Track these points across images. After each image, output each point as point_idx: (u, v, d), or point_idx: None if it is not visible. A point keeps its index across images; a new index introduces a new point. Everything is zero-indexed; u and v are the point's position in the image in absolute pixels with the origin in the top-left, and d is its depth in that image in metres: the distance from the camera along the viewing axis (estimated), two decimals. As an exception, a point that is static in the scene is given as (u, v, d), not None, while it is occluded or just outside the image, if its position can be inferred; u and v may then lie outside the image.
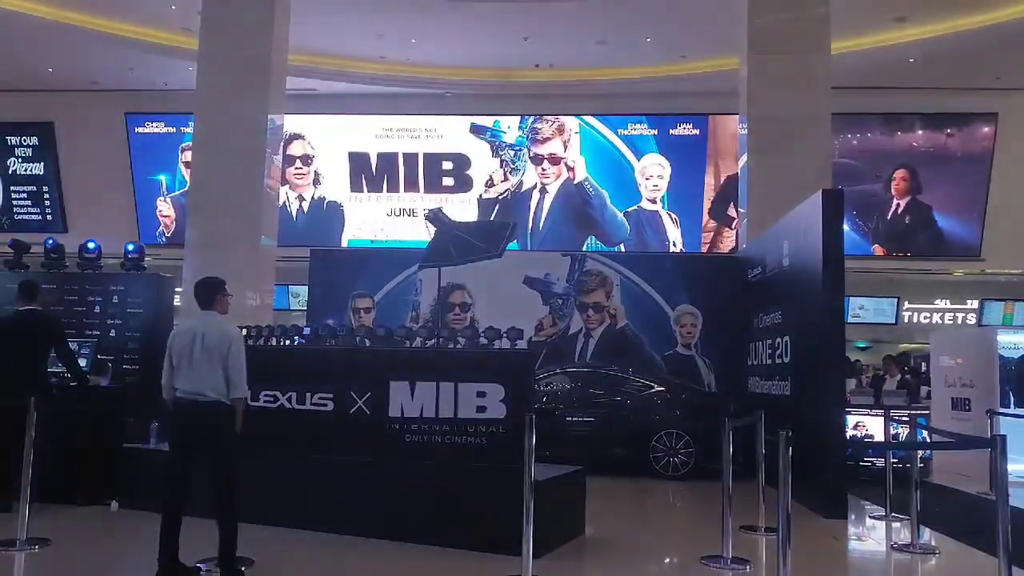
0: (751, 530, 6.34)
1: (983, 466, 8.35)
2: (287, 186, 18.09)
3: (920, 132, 17.39)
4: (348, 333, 6.48)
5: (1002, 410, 9.66)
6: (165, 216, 18.86)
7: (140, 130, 18.77)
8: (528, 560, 4.68)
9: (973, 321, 17.82)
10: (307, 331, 6.50)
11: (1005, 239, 17.03)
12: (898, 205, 17.50)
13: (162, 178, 18.82)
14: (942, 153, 17.33)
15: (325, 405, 6.03)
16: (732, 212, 16.74)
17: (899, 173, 17.44)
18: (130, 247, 9.88)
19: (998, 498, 4.36)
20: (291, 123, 17.05)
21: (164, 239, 18.62)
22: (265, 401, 6.18)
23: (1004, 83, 16.74)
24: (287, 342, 6.49)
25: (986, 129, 17.13)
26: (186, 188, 15.87)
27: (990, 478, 7.47)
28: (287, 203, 18.15)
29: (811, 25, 11.27)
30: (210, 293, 5.09)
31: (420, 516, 5.68)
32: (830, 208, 7.26)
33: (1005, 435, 4.55)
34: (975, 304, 17.90)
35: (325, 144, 18.47)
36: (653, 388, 9.80)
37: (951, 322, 17.96)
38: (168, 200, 18.82)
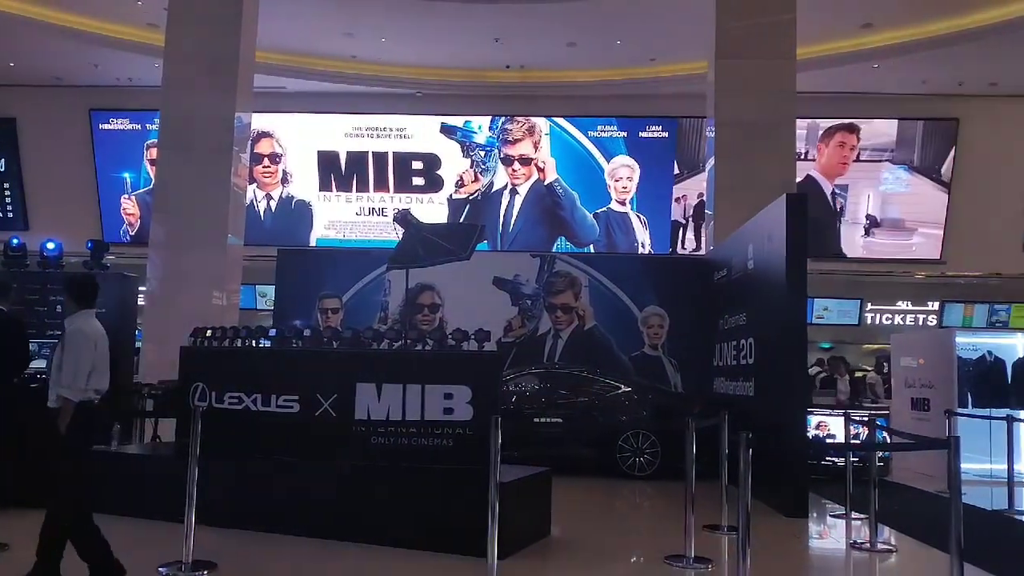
0: (714, 529, 6.42)
1: (943, 465, 8.54)
2: (255, 184, 17.94)
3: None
4: (314, 334, 6.44)
5: (960, 410, 9.89)
6: (129, 214, 18.60)
7: (104, 126, 18.50)
8: (493, 561, 4.70)
9: (934, 323, 18.18)
10: (273, 332, 6.45)
11: (965, 242, 17.42)
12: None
13: (126, 175, 18.56)
14: (905, 156, 17.68)
15: (291, 407, 5.99)
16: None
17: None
18: (89, 245, 9.76)
19: (951, 497, 4.47)
20: (259, 121, 16.92)
21: (128, 237, 18.38)
22: (230, 403, 6.13)
23: (966, 89, 17.11)
24: (252, 343, 6.44)
25: (948, 133, 17.48)
26: (151, 186, 15.67)
27: (948, 477, 7.65)
28: (255, 202, 18.00)
29: (777, 31, 11.43)
30: (95, 292, 4.97)
31: (386, 518, 5.68)
32: (794, 212, 7.37)
33: (959, 437, 4.66)
34: (936, 306, 18.27)
35: (294, 142, 18.34)
36: (620, 389, 9.87)
37: (912, 323, 18.31)
38: (133, 198, 18.57)
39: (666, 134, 17.80)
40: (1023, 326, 17.50)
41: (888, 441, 8.80)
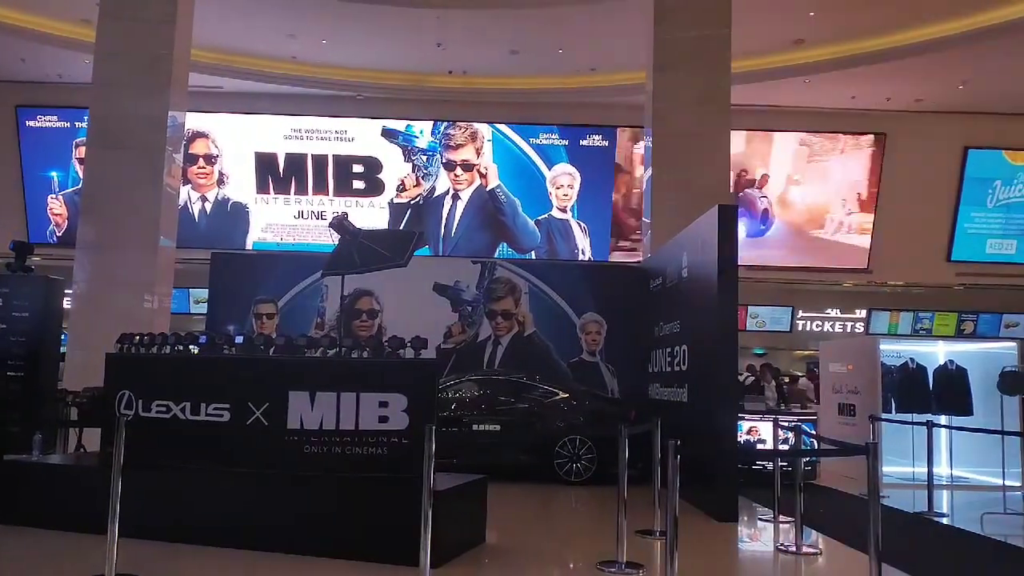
0: (647, 534, 6.51)
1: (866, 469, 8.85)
2: (189, 186, 17.56)
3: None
4: (247, 341, 6.32)
5: (883, 415, 10.26)
6: (57, 214, 18.02)
7: (31, 124, 17.90)
8: (426, 570, 4.70)
9: (862, 329, 18.83)
10: (203, 339, 6.30)
11: (891, 253, 18.09)
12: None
13: (54, 174, 17.99)
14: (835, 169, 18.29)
15: (221, 416, 5.86)
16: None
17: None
18: (12, 245, 9.42)
19: (870, 500, 4.64)
20: (194, 121, 16.58)
21: (55, 239, 17.81)
22: (157, 411, 5.98)
23: (893, 105, 17.78)
24: (181, 349, 6.29)
25: (875, 148, 18.13)
26: (79, 186, 15.20)
27: (867, 481, 7.93)
28: (189, 203, 17.62)
29: (713, 44, 11.67)
30: None
31: (319, 529, 5.61)
32: (725, 222, 7.55)
33: (877, 443, 4.86)
34: (863, 314, 18.91)
35: (230, 143, 18.01)
36: (558, 395, 9.94)
37: (841, 330, 18.93)
38: (60, 198, 18.00)
39: (606, 143, 18.04)
40: (945, 334, 18.27)
41: (816, 446, 9.06)
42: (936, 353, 11.58)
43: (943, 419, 10.40)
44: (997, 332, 18.50)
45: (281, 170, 18.07)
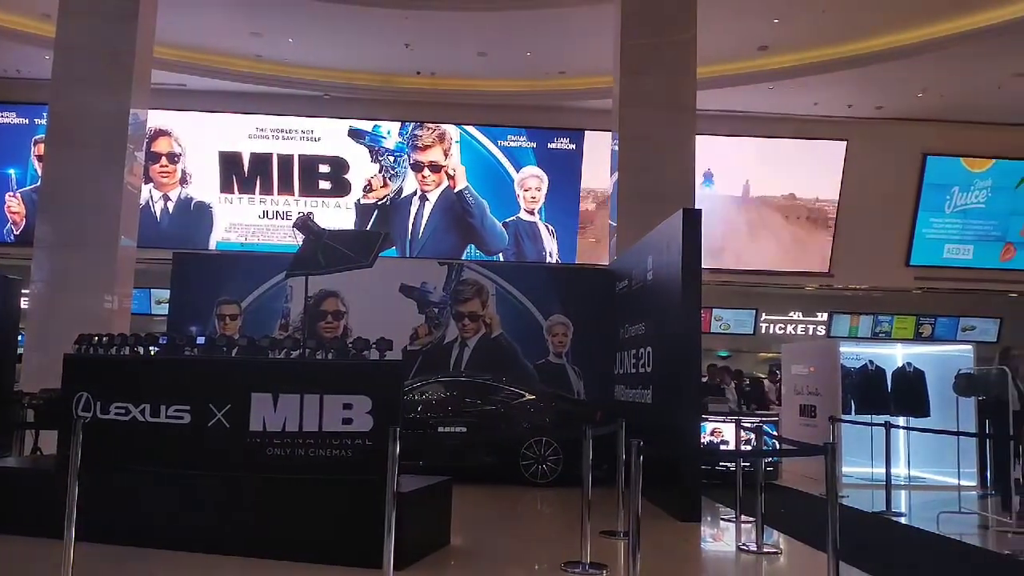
0: (611, 535, 6.55)
1: (826, 469, 8.98)
2: (151, 184, 17.29)
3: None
4: (209, 342, 6.24)
5: (843, 417, 10.43)
6: (14, 212, 17.64)
7: (-12, 119, 17.50)
8: (389, 572, 4.69)
9: (823, 332, 19.14)
10: (163, 340, 6.21)
11: (852, 257, 18.42)
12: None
13: (12, 172, 17.60)
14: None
15: (181, 418, 5.78)
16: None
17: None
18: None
19: (828, 500, 4.73)
20: (157, 118, 16.35)
21: (12, 237, 17.43)
22: (116, 414, 5.86)
23: (854, 111, 18.10)
24: (141, 351, 6.19)
25: (836, 153, 18.43)
26: (38, 183, 14.90)
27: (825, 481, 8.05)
28: (151, 202, 17.34)
29: (678, 50, 11.80)
30: None
31: (282, 531, 5.55)
32: (689, 225, 7.63)
33: (834, 443, 4.94)
34: (825, 317, 19.23)
35: (194, 142, 17.77)
36: (525, 396, 9.96)
37: (804, 333, 19.22)
38: (18, 196, 17.62)
39: (573, 146, 18.12)
40: (904, 337, 18.64)
41: (777, 447, 9.19)
42: (895, 355, 11.81)
43: (901, 420, 10.61)
44: (954, 335, 18.91)
45: (246, 169, 17.87)
